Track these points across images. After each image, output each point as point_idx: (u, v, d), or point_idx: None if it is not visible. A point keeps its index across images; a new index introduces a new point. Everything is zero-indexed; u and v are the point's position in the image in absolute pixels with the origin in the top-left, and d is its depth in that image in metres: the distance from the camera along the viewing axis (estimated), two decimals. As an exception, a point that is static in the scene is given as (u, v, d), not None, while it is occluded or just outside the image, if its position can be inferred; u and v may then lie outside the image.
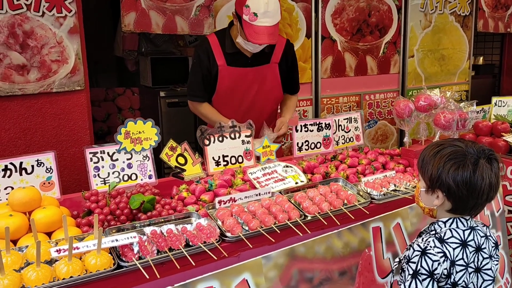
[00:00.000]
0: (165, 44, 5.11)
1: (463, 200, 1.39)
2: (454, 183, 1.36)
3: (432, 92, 2.42)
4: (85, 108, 2.89)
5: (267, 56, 2.66)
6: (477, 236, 1.42)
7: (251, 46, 2.48)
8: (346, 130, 2.54)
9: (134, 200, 1.66)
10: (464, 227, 1.42)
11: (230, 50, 2.59)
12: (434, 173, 1.40)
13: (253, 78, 2.64)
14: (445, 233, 1.40)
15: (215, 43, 2.61)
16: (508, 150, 2.64)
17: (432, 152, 1.44)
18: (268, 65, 2.68)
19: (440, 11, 4.72)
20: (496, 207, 2.24)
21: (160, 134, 2.02)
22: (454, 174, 1.36)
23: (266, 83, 2.69)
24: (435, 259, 1.34)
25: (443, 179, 1.38)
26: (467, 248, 1.39)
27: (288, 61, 2.75)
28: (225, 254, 1.49)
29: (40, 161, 1.81)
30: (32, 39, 2.66)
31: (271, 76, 2.70)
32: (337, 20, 4.06)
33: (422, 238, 1.43)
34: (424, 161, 1.46)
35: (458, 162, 1.37)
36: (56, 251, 1.33)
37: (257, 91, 2.67)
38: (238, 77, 2.62)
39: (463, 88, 5.15)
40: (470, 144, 1.41)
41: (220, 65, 2.58)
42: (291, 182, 2.02)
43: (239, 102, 2.66)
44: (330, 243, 1.60)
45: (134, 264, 1.37)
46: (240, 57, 2.61)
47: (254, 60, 2.63)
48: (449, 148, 1.41)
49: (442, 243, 1.38)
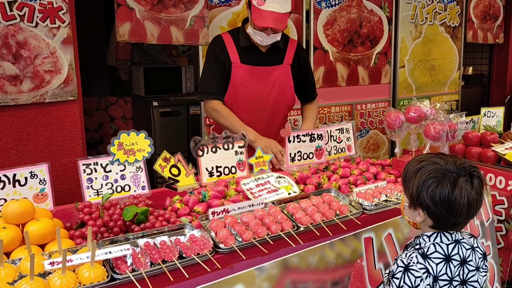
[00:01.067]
0: (158, 53, 5.14)
1: (443, 219, 1.40)
2: (433, 203, 1.37)
3: (422, 104, 2.46)
4: (78, 118, 2.89)
5: (280, 56, 2.69)
6: (462, 249, 1.42)
7: (259, 35, 2.50)
8: (338, 141, 2.57)
9: (127, 211, 1.67)
10: (449, 241, 1.43)
11: (244, 44, 2.60)
12: (414, 191, 1.41)
13: (266, 78, 2.66)
14: (428, 248, 1.41)
15: (229, 39, 2.63)
16: (497, 160, 2.68)
17: (413, 169, 1.44)
18: (281, 65, 2.69)
19: (430, 22, 4.80)
20: (485, 216, 2.27)
21: (153, 145, 2.03)
22: (432, 194, 1.37)
23: (279, 84, 2.69)
24: (418, 275, 1.35)
25: (422, 198, 1.39)
26: (451, 263, 1.39)
27: (300, 62, 2.77)
28: (219, 265, 1.49)
29: (34, 173, 1.81)
30: (25, 49, 2.66)
31: (283, 77, 2.71)
32: (328, 31, 4.11)
33: (406, 253, 1.44)
34: (406, 178, 1.47)
35: (436, 181, 1.37)
36: (50, 263, 1.33)
37: (270, 92, 2.67)
38: (250, 75, 2.62)
39: (453, 98, 5.22)
40: (451, 160, 1.41)
41: (233, 61, 2.60)
42: (284, 193, 2.04)
43: (251, 102, 2.65)
44: (322, 253, 1.61)
45: (128, 277, 1.37)
46: (254, 52, 2.62)
47: (268, 58, 2.65)
48: (429, 166, 1.41)
49: (425, 259, 1.38)
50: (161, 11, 3.21)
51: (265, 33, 2.50)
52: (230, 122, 2.57)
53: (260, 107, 2.67)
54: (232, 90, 2.62)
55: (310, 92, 2.91)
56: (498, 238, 2.63)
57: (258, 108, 2.67)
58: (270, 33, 2.51)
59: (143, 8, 3.13)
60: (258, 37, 2.53)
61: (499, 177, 2.59)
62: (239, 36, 2.63)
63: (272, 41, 2.56)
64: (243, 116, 2.62)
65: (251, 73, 2.62)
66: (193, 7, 3.34)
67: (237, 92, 2.62)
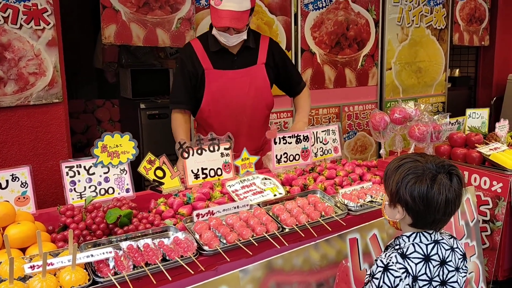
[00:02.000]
0: (145, 56, 5.11)
1: (421, 215, 1.41)
2: (411, 198, 1.39)
3: (407, 105, 2.48)
4: (63, 121, 2.87)
5: (253, 56, 2.64)
6: (441, 250, 1.43)
7: (223, 37, 2.47)
8: (324, 142, 2.57)
9: (110, 214, 1.65)
10: (428, 241, 1.43)
11: (213, 48, 2.56)
12: (394, 187, 1.43)
13: (241, 81, 2.61)
14: (407, 248, 1.42)
15: (198, 46, 2.59)
16: (482, 161, 2.70)
17: (393, 167, 1.46)
18: (255, 66, 2.65)
19: (417, 24, 4.83)
20: (470, 217, 2.29)
21: (138, 147, 2.01)
22: (411, 189, 1.38)
23: (255, 85, 2.65)
24: (397, 275, 1.36)
25: (401, 194, 1.40)
26: (430, 263, 1.40)
27: (275, 58, 2.72)
28: (202, 268, 1.48)
29: (15, 175, 1.79)
30: (9, 51, 2.63)
31: (259, 77, 2.66)
32: (316, 33, 4.12)
33: (386, 253, 1.44)
34: (387, 175, 1.48)
35: (415, 177, 1.39)
36: (30, 267, 1.31)
37: (247, 94, 2.63)
38: (225, 81, 2.58)
39: (440, 100, 5.26)
40: (431, 159, 1.43)
41: (205, 68, 2.56)
42: (270, 195, 2.04)
43: (229, 107, 2.61)
44: (307, 255, 1.61)
45: (110, 280, 1.36)
46: (225, 56, 2.58)
47: (240, 60, 2.61)
48: (409, 164, 1.43)
49: (404, 259, 1.39)
50: (147, 13, 3.19)
51: (228, 33, 2.46)
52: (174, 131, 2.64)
53: (239, 111, 2.64)
54: (209, 97, 2.60)
55: (295, 85, 2.87)
56: (483, 238, 2.65)
57: (237, 112, 2.64)
58: (233, 33, 2.46)
59: (128, 10, 3.12)
60: (223, 38, 2.49)
61: (483, 178, 2.62)
62: (208, 41, 2.60)
63: (238, 40, 2.52)
64: (224, 122, 2.61)
65: (226, 78, 2.59)
66: (180, 9, 3.33)
67: (214, 99, 2.59)
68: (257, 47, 2.66)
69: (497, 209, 2.57)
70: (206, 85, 2.57)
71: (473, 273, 2.27)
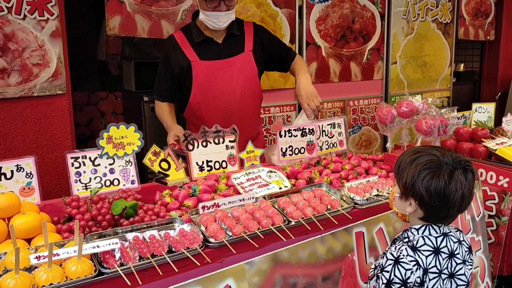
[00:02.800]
0: (148, 48, 5.09)
1: (435, 210, 1.39)
2: (427, 193, 1.37)
3: (414, 98, 2.46)
4: (67, 113, 2.86)
5: (239, 44, 2.57)
6: (450, 242, 1.42)
7: (214, 17, 2.41)
8: (329, 136, 2.56)
9: (116, 205, 1.64)
10: (437, 233, 1.42)
11: (198, 38, 2.51)
12: (409, 181, 1.40)
13: (229, 70, 2.55)
14: (417, 241, 1.40)
15: (182, 38, 2.54)
16: (488, 155, 2.68)
17: (408, 160, 1.44)
18: (243, 54, 2.58)
19: (422, 18, 4.80)
20: (476, 211, 2.27)
21: (143, 139, 2.00)
22: (428, 184, 1.37)
23: (244, 74, 2.59)
24: (408, 267, 1.34)
25: (416, 188, 1.38)
26: (440, 255, 1.39)
27: (263, 43, 2.65)
28: (208, 260, 1.47)
29: (20, 166, 1.78)
30: (13, 42, 2.62)
31: (247, 66, 2.60)
32: (321, 26, 4.09)
33: (395, 246, 1.43)
34: (400, 167, 1.46)
35: (433, 172, 1.37)
36: (36, 257, 1.30)
37: (235, 84, 2.57)
38: (213, 71, 2.52)
39: (445, 95, 5.23)
40: (447, 153, 1.41)
41: (192, 60, 2.50)
42: (275, 188, 2.02)
43: (218, 99, 2.56)
44: (313, 248, 1.60)
45: (116, 271, 1.35)
46: (211, 46, 2.52)
47: (227, 49, 2.55)
48: (425, 157, 1.40)
49: (415, 251, 1.38)
50: (152, 4, 3.17)
51: (219, 11, 2.39)
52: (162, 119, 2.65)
53: (229, 102, 2.58)
54: (197, 90, 2.55)
55: (285, 57, 2.76)
56: (489, 233, 2.64)
57: (227, 103, 2.58)
58: (224, 9, 2.40)
59: (133, 1, 3.09)
60: (213, 19, 2.42)
61: (490, 172, 2.60)
62: (191, 32, 2.54)
63: (227, 21, 2.46)
64: (214, 114, 2.56)
65: (213, 69, 2.53)
66: (184, 1, 3.30)
67: (202, 91, 2.55)
68: (242, 34, 2.61)
69: (503, 204, 2.56)
70: (193, 77, 2.52)
71: (478, 268, 2.26)
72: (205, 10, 2.42)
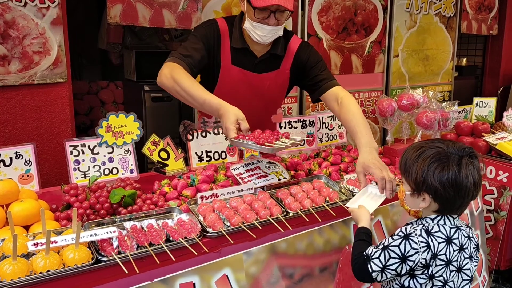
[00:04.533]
0: (150, 37, 5.07)
1: (450, 201, 1.39)
2: (441, 185, 1.37)
3: (415, 92, 2.45)
4: (67, 101, 2.85)
5: (277, 61, 2.30)
6: (461, 236, 1.43)
7: (259, 29, 2.09)
8: (329, 128, 2.55)
9: (114, 194, 1.64)
10: (451, 225, 1.43)
11: (236, 44, 2.21)
12: (419, 176, 1.40)
13: (260, 86, 2.30)
14: (433, 227, 1.41)
15: (225, 31, 2.21)
16: (488, 150, 2.68)
17: (414, 155, 1.43)
18: (278, 71, 2.31)
19: (425, 11, 4.77)
20: (475, 206, 2.27)
21: (143, 128, 2.00)
22: (439, 176, 1.37)
23: (273, 90, 2.35)
24: (415, 247, 1.36)
25: (429, 182, 1.38)
26: (451, 246, 1.40)
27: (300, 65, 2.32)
28: (206, 249, 1.48)
29: (19, 153, 1.78)
30: (13, 29, 2.61)
31: (279, 84, 2.35)
32: (323, 18, 4.07)
33: (410, 226, 1.44)
34: (407, 164, 1.45)
35: (442, 163, 1.37)
36: (33, 244, 1.31)
37: (261, 100, 2.34)
38: (242, 81, 2.27)
39: (446, 89, 5.22)
40: (450, 144, 1.42)
41: (223, 63, 2.24)
42: (274, 179, 2.02)
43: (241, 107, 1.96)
44: (311, 239, 1.61)
45: (113, 259, 1.35)
46: (247, 55, 2.25)
47: (263, 65, 2.28)
48: (431, 150, 1.41)
49: (429, 235, 1.39)
50: (153, -7, 3.15)
51: (267, 23, 2.08)
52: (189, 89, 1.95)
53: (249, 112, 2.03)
54: (219, 91, 2.21)
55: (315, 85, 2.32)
56: (487, 228, 2.64)
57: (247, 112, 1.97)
58: (273, 22, 2.08)
59: (135, -11, 3.07)
60: (258, 32, 2.11)
61: (489, 167, 2.60)
62: (232, 32, 2.24)
63: (273, 37, 2.16)
64: None
65: (243, 79, 2.27)
66: (186, -10, 3.28)
67: (225, 96, 2.04)
68: (283, 54, 2.30)
69: (502, 198, 2.56)
70: (219, 79, 2.27)
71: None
72: (251, 20, 2.11)
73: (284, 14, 2.10)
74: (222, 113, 1.85)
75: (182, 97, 1.99)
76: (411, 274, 1.40)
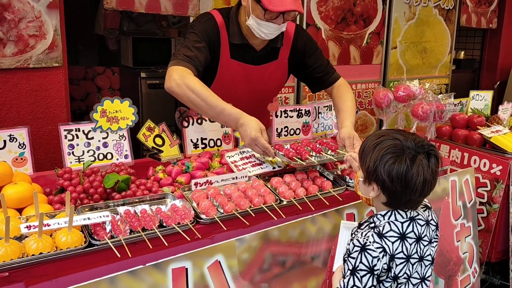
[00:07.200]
0: (147, 24, 5.03)
1: (397, 195, 1.36)
2: (389, 178, 1.34)
3: (411, 83, 2.45)
4: (63, 86, 2.83)
5: (276, 52, 2.30)
6: (417, 227, 1.39)
7: (266, 27, 2.07)
8: (325, 118, 2.55)
9: (108, 179, 1.64)
10: (403, 219, 1.39)
11: (235, 40, 2.19)
12: (371, 165, 1.37)
13: (259, 78, 2.31)
14: (383, 227, 1.37)
15: (222, 25, 2.19)
16: (483, 143, 2.69)
17: (372, 144, 1.40)
18: (277, 62, 2.31)
19: (425, 3, 4.75)
20: (468, 198, 2.29)
21: (138, 114, 1.99)
22: (389, 169, 1.33)
23: (272, 81, 2.37)
24: (375, 255, 1.31)
25: (378, 172, 1.35)
26: (406, 241, 1.36)
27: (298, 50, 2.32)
28: (199, 235, 1.48)
29: (13, 136, 1.77)
30: (9, 12, 2.58)
31: (278, 74, 2.36)
32: (322, 8, 4.05)
33: (362, 232, 1.40)
34: (364, 151, 1.43)
35: (395, 156, 1.34)
36: (26, 227, 1.31)
37: (261, 91, 2.36)
38: (242, 74, 2.28)
39: (443, 82, 5.22)
40: (410, 137, 1.37)
41: (222, 58, 2.22)
42: (269, 167, 2.02)
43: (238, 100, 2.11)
44: (303, 227, 1.61)
45: (106, 243, 1.35)
46: (247, 49, 2.24)
47: (262, 57, 2.28)
48: (388, 141, 1.37)
49: (381, 238, 1.35)
50: (151, -22, 3.12)
51: (275, 23, 2.06)
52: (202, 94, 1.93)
53: (247, 104, 2.16)
54: (217, 87, 2.23)
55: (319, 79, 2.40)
56: (479, 220, 2.66)
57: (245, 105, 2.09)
58: (281, 22, 2.06)
59: (132, -26, 3.04)
60: (264, 30, 2.09)
61: (483, 160, 2.61)
62: (229, 26, 2.21)
63: (278, 33, 2.16)
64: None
65: (243, 72, 2.27)
66: (184, -24, 3.25)
67: (223, 90, 2.17)
68: (282, 44, 2.31)
69: (495, 191, 2.58)
70: (217, 73, 2.26)
71: (467, 254, 2.29)
72: (258, 18, 2.06)
73: (291, 14, 2.09)
74: (243, 122, 1.90)
75: (195, 105, 1.97)
76: (378, 281, 1.37)
